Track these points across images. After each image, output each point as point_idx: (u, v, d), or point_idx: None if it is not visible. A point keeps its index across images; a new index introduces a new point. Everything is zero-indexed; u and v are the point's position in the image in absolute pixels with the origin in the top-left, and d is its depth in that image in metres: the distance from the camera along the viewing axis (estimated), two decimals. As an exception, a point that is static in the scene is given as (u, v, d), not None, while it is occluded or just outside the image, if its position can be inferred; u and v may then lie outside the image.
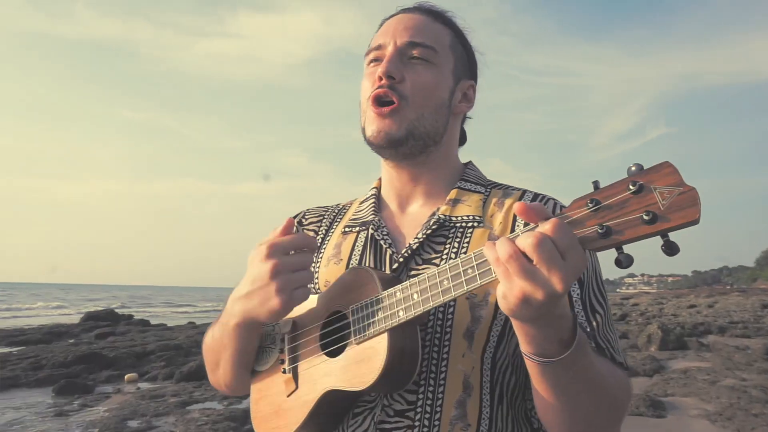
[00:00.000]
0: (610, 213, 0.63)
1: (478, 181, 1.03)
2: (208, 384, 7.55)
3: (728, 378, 7.51)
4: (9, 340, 12.62)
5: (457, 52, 1.01)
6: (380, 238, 0.97)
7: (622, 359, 0.87)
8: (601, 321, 0.86)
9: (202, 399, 6.81)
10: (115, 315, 18.64)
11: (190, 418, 5.80)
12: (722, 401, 6.11)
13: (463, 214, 0.95)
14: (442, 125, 0.99)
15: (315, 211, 1.14)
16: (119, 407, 6.36)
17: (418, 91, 0.95)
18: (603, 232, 0.63)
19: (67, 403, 6.70)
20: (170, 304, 44.09)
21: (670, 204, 0.60)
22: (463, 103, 1.03)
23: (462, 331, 0.86)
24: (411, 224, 1.00)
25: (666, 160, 0.62)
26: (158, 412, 6.12)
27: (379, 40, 1.00)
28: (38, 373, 8.24)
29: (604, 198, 0.64)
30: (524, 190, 1.00)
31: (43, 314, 26.19)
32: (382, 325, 0.80)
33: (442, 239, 0.94)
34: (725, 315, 19.61)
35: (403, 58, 0.96)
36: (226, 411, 6.02)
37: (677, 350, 10.36)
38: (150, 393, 7.08)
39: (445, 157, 1.03)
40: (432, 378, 0.85)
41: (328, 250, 1.04)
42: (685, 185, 0.60)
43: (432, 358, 0.86)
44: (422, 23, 0.99)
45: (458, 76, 1.01)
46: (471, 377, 0.85)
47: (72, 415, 6.12)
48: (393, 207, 1.04)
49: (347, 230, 1.04)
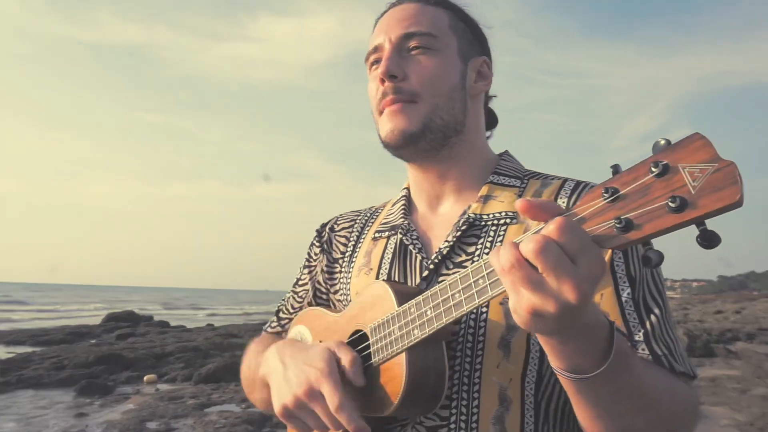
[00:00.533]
0: (629, 202, 0.52)
1: (513, 173, 0.94)
2: (227, 386, 7.64)
3: (759, 387, 7.27)
4: (33, 340, 12.85)
5: (459, 31, 0.94)
6: (409, 243, 0.91)
7: (686, 367, 0.75)
8: (657, 323, 0.76)
9: (220, 401, 6.80)
10: (136, 316, 18.88)
11: (208, 421, 5.79)
12: (754, 411, 5.91)
13: (495, 211, 0.88)
14: (461, 111, 0.92)
15: (347, 216, 1.09)
16: (138, 408, 6.39)
17: (427, 83, 0.88)
18: (622, 227, 0.52)
19: (87, 403, 6.76)
20: (189, 305, 44.56)
21: (702, 185, 0.49)
22: (479, 82, 0.96)
23: (496, 340, 0.79)
24: (442, 225, 0.93)
25: (696, 132, 0.50)
26: (177, 414, 6.13)
27: (375, 40, 0.94)
28: (60, 373, 8.34)
29: (623, 185, 0.53)
30: (565, 178, 0.91)
31: (66, 315, 26.68)
32: (399, 345, 0.74)
33: (473, 239, 0.87)
34: (753, 321, 19.06)
35: (402, 53, 0.90)
36: (244, 414, 6.00)
37: (704, 357, 10.07)
38: (168, 394, 7.10)
39: (472, 147, 0.95)
40: (465, 391, 0.78)
41: (359, 259, 0.99)
42: (721, 160, 0.49)
43: (464, 369, 0.79)
44: (415, 11, 0.93)
45: (466, 56, 0.94)
46: (509, 390, 0.77)
47: (92, 415, 6.16)
48: (423, 208, 0.98)
49: (377, 236, 0.99)
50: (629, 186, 0.53)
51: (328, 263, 1.06)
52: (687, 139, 0.50)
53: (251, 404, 6.25)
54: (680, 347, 0.77)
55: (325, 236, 1.09)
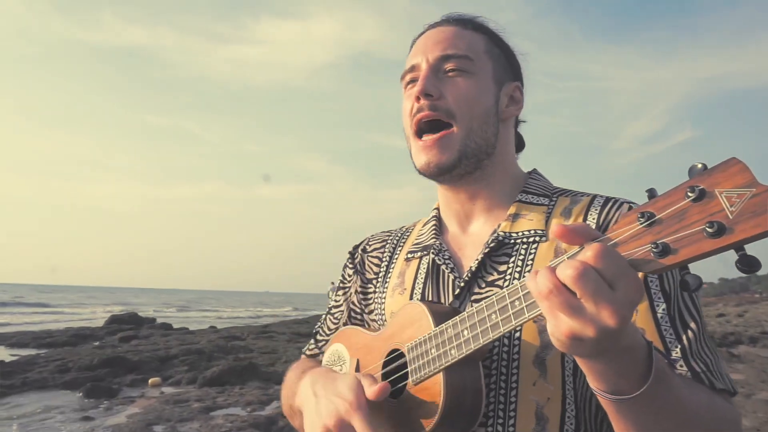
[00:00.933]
0: (666, 227, 0.53)
1: (541, 191, 0.95)
2: (231, 389, 7.65)
3: (764, 391, 7.26)
4: (37, 342, 12.87)
5: (494, 56, 0.96)
6: (441, 262, 0.93)
7: (725, 384, 0.75)
8: (693, 338, 0.76)
9: (226, 405, 6.81)
10: (139, 318, 18.89)
11: (215, 425, 5.79)
12: (759, 416, 5.90)
13: (523, 230, 0.89)
14: (493, 134, 0.93)
15: (379, 237, 1.11)
16: (144, 412, 6.39)
17: (462, 104, 0.90)
18: (659, 251, 0.53)
19: (93, 406, 6.78)
20: (191, 308, 44.54)
21: (740, 210, 0.49)
22: (511, 106, 0.98)
23: (531, 358, 0.80)
24: (473, 245, 0.94)
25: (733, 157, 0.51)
26: (182, 417, 6.13)
27: (411, 60, 0.96)
28: (65, 376, 8.35)
29: (659, 209, 0.54)
30: (594, 195, 0.91)
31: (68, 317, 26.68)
32: (436, 365, 0.75)
33: (505, 258, 0.88)
34: (756, 325, 19.01)
35: (439, 74, 0.92)
36: (249, 417, 6.00)
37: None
38: (174, 398, 7.11)
39: (502, 168, 0.96)
40: (501, 410, 0.79)
41: (393, 279, 1.00)
42: (759, 185, 0.49)
43: (500, 388, 0.80)
44: (453, 34, 0.95)
45: (500, 81, 0.96)
46: (545, 408, 0.78)
47: (98, 419, 6.17)
48: (454, 228, 0.99)
49: (410, 256, 1.00)
50: (665, 210, 0.53)
51: (362, 284, 1.07)
52: (723, 163, 0.51)
53: (257, 408, 6.27)
54: (718, 362, 0.77)
55: (357, 258, 1.10)
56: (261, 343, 12.74)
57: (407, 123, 0.95)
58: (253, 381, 8.17)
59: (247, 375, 8.39)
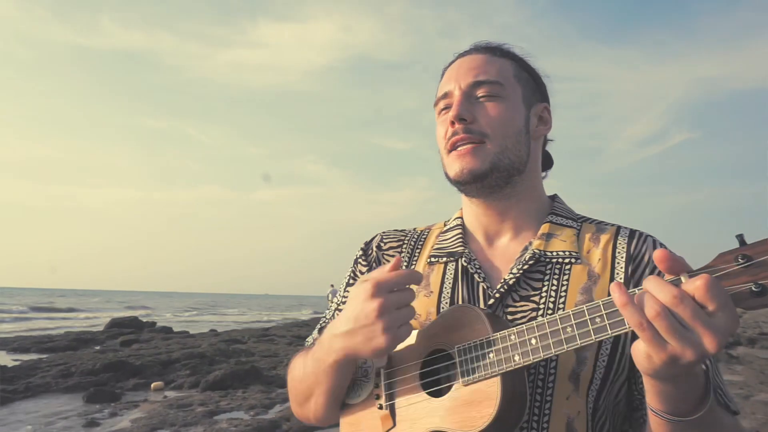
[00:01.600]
0: (764, 270, 0.59)
1: (568, 215, 1.00)
2: (234, 393, 7.68)
3: (762, 393, 7.32)
4: (38, 347, 12.89)
5: (522, 80, 1.00)
6: (474, 271, 0.95)
7: (736, 407, 0.83)
8: (711, 366, 0.81)
9: (229, 408, 6.85)
10: (139, 322, 18.91)
11: (218, 429, 5.84)
12: (758, 417, 5.96)
13: (558, 249, 0.93)
14: (525, 153, 0.98)
15: (393, 235, 1.11)
16: (148, 416, 6.43)
17: (496, 127, 0.94)
18: (758, 291, 0.59)
19: (97, 411, 6.81)
20: (191, 310, 44.51)
21: None
22: (541, 126, 1.02)
23: (567, 372, 0.83)
24: (502, 258, 0.97)
25: None
26: (186, 421, 6.18)
27: (444, 87, 1.00)
28: (68, 381, 8.39)
29: (756, 254, 0.60)
30: (618, 226, 0.96)
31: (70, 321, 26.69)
32: (495, 369, 0.77)
33: (539, 275, 0.91)
34: (754, 326, 19.06)
35: (471, 99, 0.96)
36: (253, 421, 6.05)
37: (707, 363, 10.12)
38: (177, 402, 7.15)
39: (532, 188, 1.00)
40: (535, 422, 0.82)
41: None
42: None
43: (535, 400, 0.83)
44: (483, 61, 0.99)
45: (529, 103, 1.00)
46: (575, 422, 0.82)
47: (102, 424, 6.21)
48: (480, 240, 1.02)
49: (433, 260, 1.01)
50: (763, 256, 0.60)
51: None
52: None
53: (260, 411, 6.31)
54: (728, 388, 0.85)
55: (372, 254, 1.09)
56: (262, 347, 12.78)
57: (442, 145, 0.99)
58: (255, 385, 8.22)
59: (250, 379, 8.44)
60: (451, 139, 0.95)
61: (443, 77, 1.03)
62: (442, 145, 0.99)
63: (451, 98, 0.98)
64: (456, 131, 0.95)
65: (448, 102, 0.99)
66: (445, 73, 1.04)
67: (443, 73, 1.04)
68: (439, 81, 1.05)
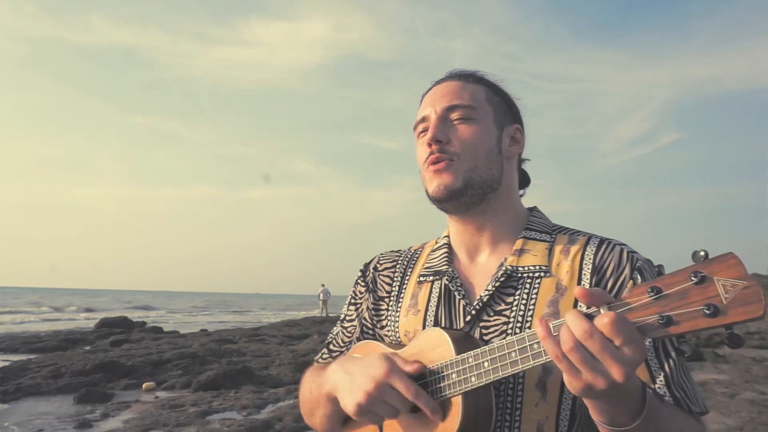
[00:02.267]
0: (671, 302, 0.64)
1: (543, 228, 1.05)
2: (226, 393, 7.70)
3: (747, 391, 7.46)
4: (27, 347, 12.79)
5: (494, 104, 1.07)
6: (455, 289, 1.03)
7: (700, 407, 0.88)
8: (674, 366, 0.88)
9: (221, 409, 6.86)
10: (129, 322, 18.79)
11: (211, 429, 5.85)
12: (742, 415, 6.08)
13: (529, 264, 0.99)
14: (497, 171, 1.04)
15: (389, 257, 1.20)
16: (140, 417, 6.43)
17: (467, 147, 1.02)
18: (663, 322, 0.64)
19: (88, 412, 6.80)
20: (182, 310, 44.24)
21: (733, 298, 0.60)
22: (513, 146, 1.09)
23: (534, 382, 0.90)
24: (481, 275, 1.04)
25: (730, 251, 0.62)
26: (179, 422, 6.18)
27: (422, 112, 1.08)
28: (58, 382, 8.34)
29: (666, 286, 0.65)
30: (590, 235, 1.02)
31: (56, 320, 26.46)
32: (457, 389, 0.86)
33: (512, 290, 0.98)
34: (741, 325, 19.34)
35: (446, 122, 1.04)
36: (246, 421, 6.07)
37: (694, 362, 10.27)
38: (169, 402, 7.15)
39: (507, 203, 1.07)
40: (507, 427, 0.90)
41: (406, 300, 1.10)
42: (750, 279, 0.60)
43: (506, 407, 0.91)
44: (457, 87, 1.07)
45: (501, 124, 1.07)
46: (545, 426, 0.90)
47: (95, 425, 6.20)
48: (463, 257, 1.09)
49: (422, 279, 1.10)
50: (671, 288, 0.65)
51: (374, 301, 1.16)
52: (722, 256, 0.63)
53: (253, 411, 6.35)
54: (694, 388, 0.90)
55: (369, 276, 1.19)
56: (253, 347, 12.77)
57: (421, 165, 1.07)
58: (247, 385, 8.23)
59: (242, 379, 8.45)
60: (429, 159, 1.03)
61: (421, 103, 1.11)
62: (422, 165, 1.06)
63: (428, 122, 1.06)
64: (432, 152, 1.02)
65: (426, 125, 1.07)
66: (423, 99, 1.12)
67: (421, 99, 1.12)
68: (418, 107, 1.12)
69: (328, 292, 27.09)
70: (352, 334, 1.19)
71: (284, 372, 9.10)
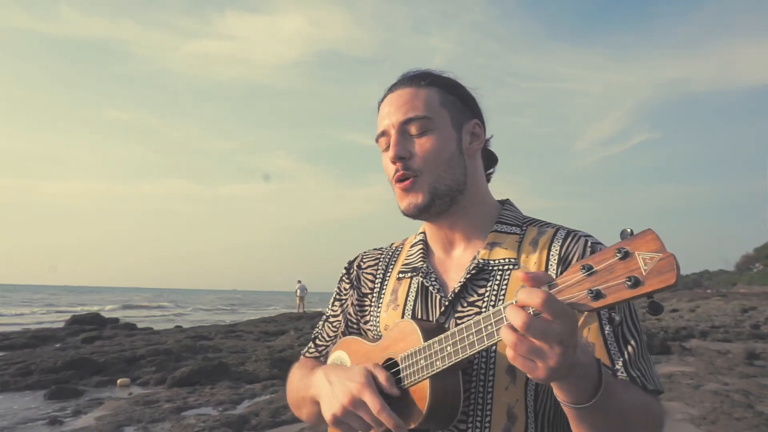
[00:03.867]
0: (600, 278, 0.70)
1: (514, 222, 1.10)
2: (202, 389, 7.66)
3: (711, 382, 7.73)
4: (-7, 345, 12.45)
5: (449, 105, 1.08)
6: (429, 284, 1.08)
7: (655, 385, 0.94)
8: (633, 352, 0.94)
9: (197, 405, 6.82)
10: (101, 319, 18.41)
11: (187, 424, 5.81)
12: (706, 405, 6.31)
13: (499, 257, 1.04)
14: (461, 173, 1.07)
15: (371, 255, 1.25)
16: (113, 413, 6.35)
17: (428, 161, 1.05)
18: (593, 296, 0.70)
19: (59, 409, 6.67)
20: (155, 306, 43.50)
21: (651, 269, 0.66)
22: (474, 142, 1.11)
23: (504, 367, 0.96)
24: (456, 268, 1.09)
25: (649, 228, 0.69)
26: (154, 418, 6.12)
27: (381, 125, 1.10)
28: (27, 379, 8.17)
29: (596, 264, 0.71)
30: (558, 227, 1.06)
31: (26, 318, 25.76)
32: (424, 373, 0.92)
33: (483, 282, 1.03)
34: (707, 319, 20.01)
35: (406, 136, 1.06)
36: (222, 417, 6.05)
37: (661, 355, 10.59)
38: (144, 399, 7.07)
39: (476, 199, 1.10)
40: (479, 410, 0.96)
41: (387, 296, 1.15)
42: (665, 252, 0.66)
43: (478, 392, 0.97)
44: (410, 96, 1.07)
45: (459, 124, 1.08)
46: (515, 408, 0.95)
47: (66, 422, 6.10)
48: (439, 252, 1.14)
49: (401, 276, 1.15)
50: (601, 265, 0.71)
51: (358, 297, 1.21)
52: (642, 233, 0.69)
53: (229, 407, 6.35)
54: (652, 369, 0.95)
55: (353, 273, 1.24)
56: (229, 343, 12.68)
57: (391, 182, 1.10)
58: (223, 380, 8.18)
59: (217, 375, 8.40)
60: (395, 176, 1.07)
61: (379, 112, 1.13)
62: (390, 179, 1.10)
63: (388, 137, 1.08)
64: (397, 169, 1.06)
65: (387, 141, 1.09)
66: (380, 107, 1.13)
67: (379, 107, 1.13)
68: (377, 113, 1.13)
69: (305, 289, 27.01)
70: (337, 329, 1.24)
71: (261, 368, 9.06)
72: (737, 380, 7.90)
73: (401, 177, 1.06)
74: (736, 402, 6.42)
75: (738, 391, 7.02)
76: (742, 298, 36.37)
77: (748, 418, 5.73)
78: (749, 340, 13.63)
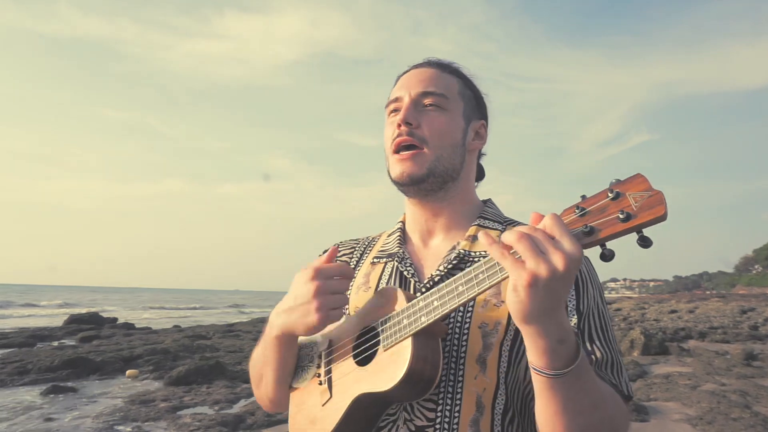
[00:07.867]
0: (593, 216, 0.74)
1: (495, 219, 1.11)
2: (198, 388, 7.64)
3: (708, 383, 7.73)
4: (-10, 344, 12.44)
5: (465, 97, 1.11)
6: (404, 269, 1.07)
7: (625, 389, 0.93)
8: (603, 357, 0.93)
9: (193, 404, 6.81)
10: (99, 318, 18.44)
11: (182, 423, 5.81)
12: (703, 406, 6.30)
13: (481, 250, 1.03)
14: (459, 162, 1.09)
15: (348, 244, 1.25)
16: (110, 412, 6.34)
17: (435, 134, 1.05)
18: (588, 231, 0.74)
19: (56, 407, 6.66)
20: (153, 306, 43.48)
21: (641, 205, 0.70)
22: (477, 141, 1.13)
23: (474, 357, 0.95)
24: (433, 257, 1.08)
25: (638, 173, 0.73)
26: (149, 416, 6.12)
27: (396, 93, 1.11)
28: (24, 378, 8.17)
29: (589, 205, 0.75)
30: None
31: (22, 317, 25.74)
32: (407, 331, 0.89)
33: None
34: (705, 320, 20.01)
35: (418, 107, 1.07)
36: (218, 416, 6.04)
37: (659, 355, 10.59)
38: (140, 397, 7.06)
39: (463, 192, 1.11)
40: (449, 398, 0.93)
41: (358, 279, 1.14)
42: (654, 190, 0.70)
43: (449, 380, 0.94)
44: (433, 75, 1.10)
45: (469, 118, 1.11)
46: (483, 398, 0.94)
47: (62, 420, 6.09)
48: (417, 241, 1.13)
49: (375, 261, 1.14)
50: (593, 206, 0.75)
51: None
52: (633, 176, 0.73)
53: (225, 406, 6.32)
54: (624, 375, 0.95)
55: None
56: (227, 342, 12.68)
57: (388, 145, 1.09)
58: (220, 380, 8.18)
59: (214, 374, 8.39)
60: (396, 140, 1.06)
61: (396, 84, 1.14)
62: (388, 144, 1.09)
63: (400, 103, 1.09)
64: (401, 133, 1.05)
65: (398, 106, 1.09)
66: (398, 80, 1.14)
67: (397, 80, 1.15)
68: (393, 86, 1.15)
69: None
70: None
71: (258, 367, 9.05)
72: (735, 381, 7.89)
73: (404, 143, 1.05)
74: (734, 402, 6.41)
75: (735, 392, 7.01)
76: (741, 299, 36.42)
77: (744, 419, 5.72)
78: (748, 341, 13.63)
